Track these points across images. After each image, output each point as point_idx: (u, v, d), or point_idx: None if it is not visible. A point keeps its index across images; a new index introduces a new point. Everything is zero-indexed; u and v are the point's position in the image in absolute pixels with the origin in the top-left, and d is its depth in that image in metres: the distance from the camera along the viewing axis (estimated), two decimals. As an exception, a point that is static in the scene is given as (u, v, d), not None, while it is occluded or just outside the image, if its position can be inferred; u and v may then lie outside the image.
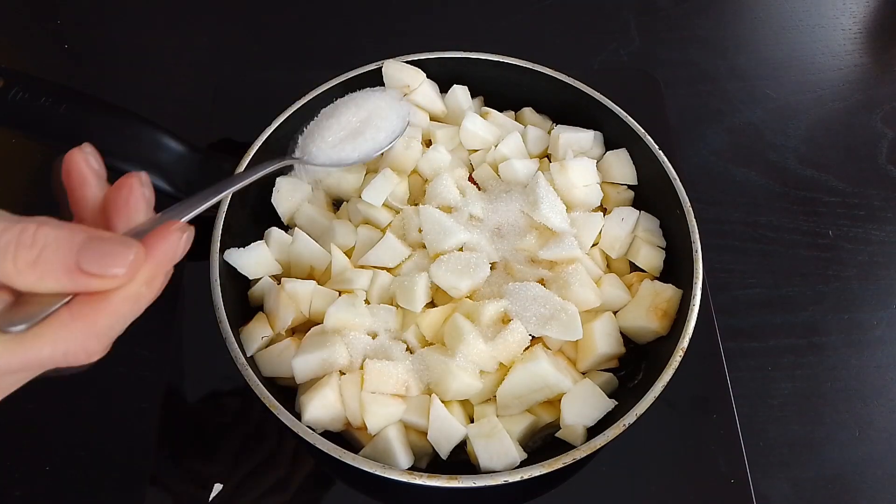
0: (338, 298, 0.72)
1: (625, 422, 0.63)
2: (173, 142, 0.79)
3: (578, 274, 0.73)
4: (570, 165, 0.81)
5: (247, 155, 0.80)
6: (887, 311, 0.88)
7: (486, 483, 0.61)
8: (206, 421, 0.76)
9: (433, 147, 0.83)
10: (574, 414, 0.67)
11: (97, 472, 0.75)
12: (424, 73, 0.89)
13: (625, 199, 0.85)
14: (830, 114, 1.06)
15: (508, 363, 0.69)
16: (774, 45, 1.14)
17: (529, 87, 0.90)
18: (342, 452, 0.62)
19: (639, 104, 0.88)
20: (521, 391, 0.68)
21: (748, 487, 0.73)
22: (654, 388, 0.65)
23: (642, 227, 0.81)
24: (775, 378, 0.82)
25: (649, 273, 0.79)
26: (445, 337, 0.70)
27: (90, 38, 1.14)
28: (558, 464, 0.61)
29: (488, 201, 0.80)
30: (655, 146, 0.81)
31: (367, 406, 0.66)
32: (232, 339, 0.68)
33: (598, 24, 1.17)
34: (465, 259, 0.73)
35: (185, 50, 1.13)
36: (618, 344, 0.73)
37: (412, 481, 0.61)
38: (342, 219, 0.81)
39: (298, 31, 1.15)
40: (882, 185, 0.98)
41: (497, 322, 0.71)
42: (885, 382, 0.82)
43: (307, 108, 0.85)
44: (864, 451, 0.78)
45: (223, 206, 0.76)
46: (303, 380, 0.70)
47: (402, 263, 0.76)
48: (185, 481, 0.73)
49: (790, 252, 0.92)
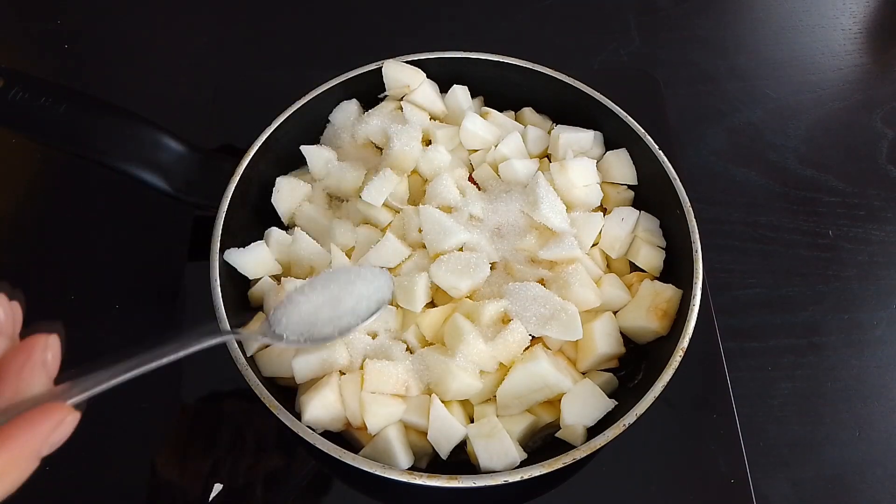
0: None
1: (625, 422, 0.63)
2: (173, 142, 0.79)
3: (578, 274, 0.73)
4: (570, 165, 0.81)
5: (247, 155, 0.80)
6: (887, 311, 0.88)
7: (486, 483, 0.61)
8: (207, 421, 0.76)
9: (433, 147, 0.83)
10: (574, 414, 0.67)
11: (97, 472, 0.75)
12: (424, 73, 0.89)
13: (625, 199, 0.85)
14: (830, 114, 1.06)
15: (508, 363, 0.69)
16: (774, 45, 1.15)
17: (529, 87, 0.90)
18: (342, 452, 0.62)
19: (639, 104, 0.88)
20: (521, 391, 0.68)
21: (748, 487, 0.73)
22: (654, 388, 0.65)
23: (642, 227, 0.81)
24: (775, 378, 0.82)
25: (649, 273, 0.79)
26: (445, 337, 0.70)
27: (90, 38, 1.14)
28: (558, 464, 0.61)
29: (488, 201, 0.80)
30: (655, 146, 0.81)
31: (367, 406, 0.66)
32: (235, 347, 0.68)
33: (598, 24, 1.17)
34: (465, 259, 0.73)
35: (185, 50, 1.13)
36: (618, 344, 0.73)
37: (412, 481, 0.61)
38: (342, 219, 0.81)
39: (298, 31, 1.15)
40: (882, 185, 0.98)
41: (497, 322, 0.71)
42: (885, 382, 0.82)
43: (307, 108, 0.85)
44: (864, 451, 0.78)
45: (223, 206, 0.76)
46: (303, 380, 0.70)
47: (402, 263, 0.76)
48: (185, 481, 0.73)
49: (790, 252, 0.92)
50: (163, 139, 0.79)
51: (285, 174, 0.84)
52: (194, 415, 0.77)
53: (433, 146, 0.83)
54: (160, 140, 0.79)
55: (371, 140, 0.87)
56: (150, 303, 0.86)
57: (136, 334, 0.82)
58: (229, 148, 0.88)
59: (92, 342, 0.80)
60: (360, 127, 0.86)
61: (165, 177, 0.78)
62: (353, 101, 0.90)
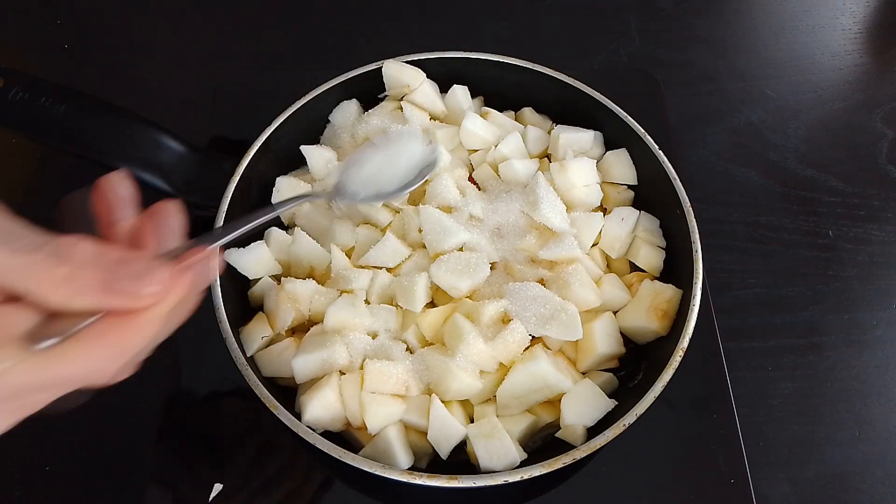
0: (338, 298, 0.72)
1: (625, 422, 0.63)
2: (173, 142, 0.80)
3: (578, 274, 0.73)
4: (569, 165, 0.81)
5: (247, 155, 0.80)
6: (887, 311, 0.88)
7: (487, 483, 0.61)
8: (206, 421, 0.76)
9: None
10: (574, 414, 0.67)
11: (97, 472, 0.75)
12: (424, 73, 0.89)
13: (625, 199, 0.85)
14: (830, 114, 1.06)
15: (508, 363, 0.69)
16: (774, 45, 1.15)
17: (529, 87, 0.90)
18: (342, 452, 0.62)
19: (639, 104, 0.88)
20: (521, 391, 0.68)
21: (748, 487, 0.73)
22: (654, 388, 0.65)
23: (642, 227, 0.81)
24: (775, 378, 0.82)
25: (649, 273, 0.79)
26: (445, 337, 0.70)
27: (90, 37, 1.14)
28: (558, 464, 0.61)
29: (488, 201, 0.80)
30: (655, 146, 0.81)
31: (367, 406, 0.66)
32: (232, 339, 0.68)
33: (598, 24, 1.17)
34: (464, 259, 0.73)
35: (186, 50, 1.13)
36: (618, 344, 0.73)
37: (412, 481, 0.61)
38: (342, 219, 0.81)
39: (298, 31, 1.15)
40: (882, 185, 0.98)
41: (497, 322, 0.71)
42: (885, 382, 0.82)
43: (307, 108, 0.85)
44: (864, 451, 0.78)
45: (223, 206, 0.76)
46: (303, 380, 0.70)
47: (402, 263, 0.76)
48: (184, 481, 0.73)
49: (790, 252, 0.92)
50: (163, 139, 0.79)
51: (285, 174, 0.84)
52: (194, 415, 0.77)
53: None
54: (160, 140, 0.79)
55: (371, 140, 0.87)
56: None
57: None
58: (229, 148, 0.88)
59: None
60: (360, 127, 0.86)
61: (165, 177, 0.78)
62: (354, 101, 0.89)
